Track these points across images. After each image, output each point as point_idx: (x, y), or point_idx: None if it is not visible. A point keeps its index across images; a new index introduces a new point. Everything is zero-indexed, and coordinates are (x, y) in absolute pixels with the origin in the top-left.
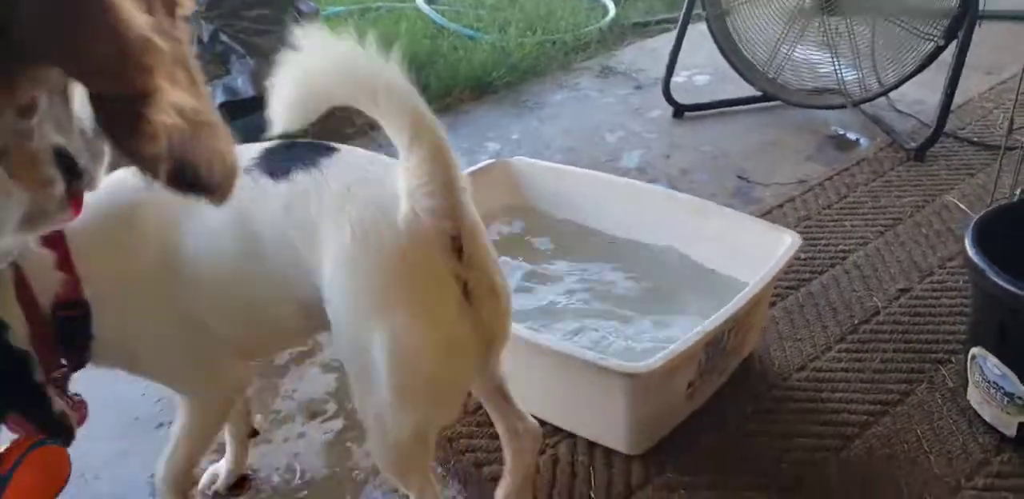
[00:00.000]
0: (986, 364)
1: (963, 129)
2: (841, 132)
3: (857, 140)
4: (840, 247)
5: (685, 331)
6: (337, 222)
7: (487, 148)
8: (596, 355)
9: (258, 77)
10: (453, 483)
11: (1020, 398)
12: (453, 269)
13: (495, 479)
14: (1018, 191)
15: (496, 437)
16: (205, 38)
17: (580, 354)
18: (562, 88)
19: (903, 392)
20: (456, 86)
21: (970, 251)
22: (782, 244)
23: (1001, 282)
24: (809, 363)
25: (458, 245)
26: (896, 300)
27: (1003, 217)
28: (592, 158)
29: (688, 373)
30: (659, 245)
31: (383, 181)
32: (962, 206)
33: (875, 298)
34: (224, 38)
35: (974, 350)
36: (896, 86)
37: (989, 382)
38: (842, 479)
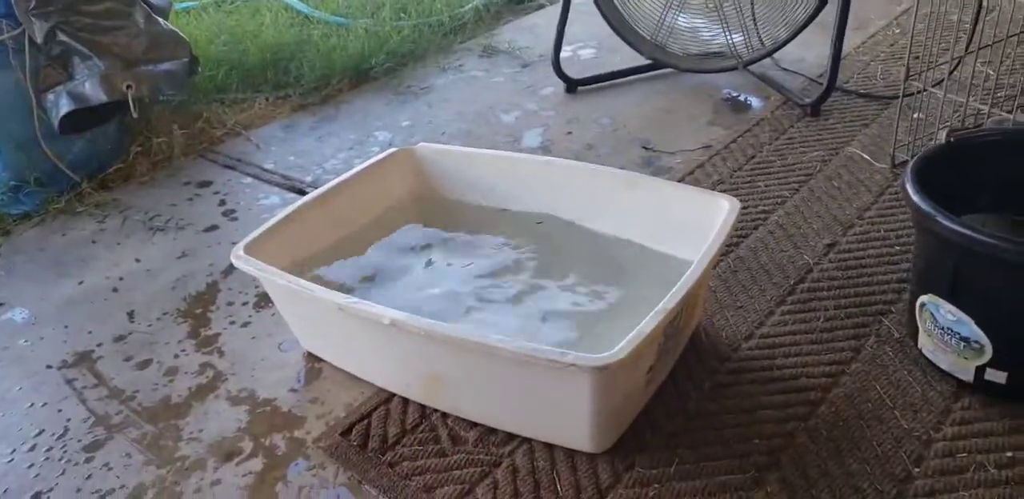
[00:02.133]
0: (938, 311)
1: (847, 82)
2: (734, 94)
3: (748, 101)
4: (760, 208)
5: (632, 311)
6: None
7: (377, 138)
8: (556, 350)
9: (109, 80)
10: None
11: (977, 342)
12: None
13: None
14: (943, 133)
15: (445, 454)
16: (39, 39)
17: (535, 350)
18: (445, 71)
19: (854, 349)
20: (333, 75)
21: (914, 197)
22: (720, 210)
23: (953, 225)
24: (756, 330)
25: None
26: (825, 256)
27: (933, 161)
28: (491, 140)
29: (649, 357)
30: (594, 222)
31: None
32: (865, 156)
33: (805, 256)
34: (63, 37)
35: (923, 298)
36: (785, 43)
37: (943, 329)
38: (816, 448)
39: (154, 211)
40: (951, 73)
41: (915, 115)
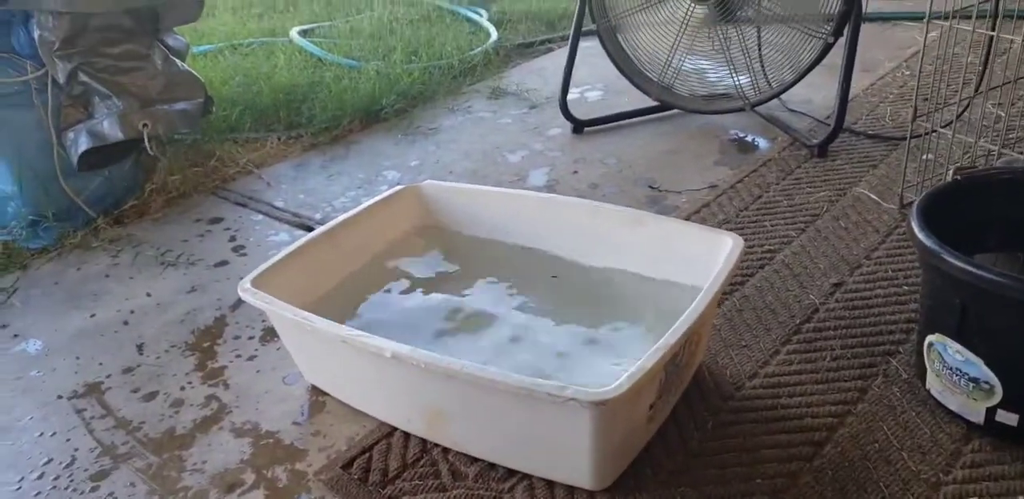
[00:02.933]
0: (946, 351)
1: (855, 124)
2: (741, 135)
3: (755, 142)
4: (766, 247)
5: (633, 349)
6: None
7: (386, 177)
8: (555, 384)
9: (126, 119)
10: None
11: (987, 383)
12: None
13: None
14: (950, 171)
15: (445, 489)
16: (61, 79)
17: (536, 385)
18: (454, 112)
19: (860, 389)
20: (344, 116)
21: (920, 235)
22: (724, 247)
23: (960, 263)
24: (760, 369)
25: None
26: (832, 295)
27: (940, 199)
28: (498, 179)
29: (650, 394)
30: (598, 260)
31: None
32: (873, 196)
33: (811, 295)
34: (84, 78)
35: (931, 338)
36: (791, 85)
37: (952, 370)
38: (820, 489)
39: (166, 246)
40: (961, 114)
41: (924, 156)
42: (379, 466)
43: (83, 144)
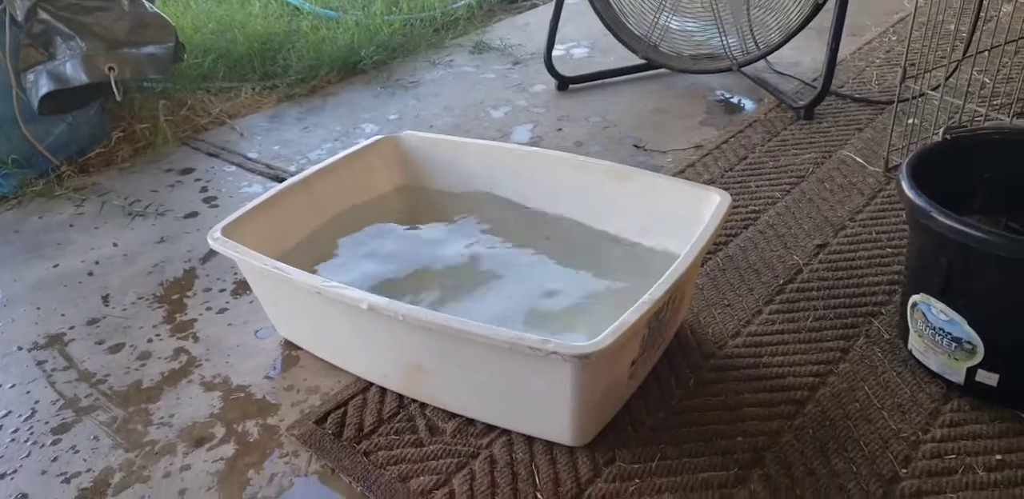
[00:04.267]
0: (930, 311)
1: (842, 87)
2: (727, 96)
3: (741, 103)
4: (750, 208)
5: (617, 303)
6: None
7: (363, 130)
8: (537, 337)
9: (91, 61)
10: None
11: (969, 343)
12: None
13: (426, 493)
14: (940, 131)
15: (422, 444)
16: (20, 16)
17: (517, 337)
18: (436, 66)
19: (842, 349)
20: (321, 66)
21: (909, 193)
22: (711, 203)
23: (948, 220)
24: (743, 328)
25: None
26: (816, 256)
27: (929, 158)
28: (480, 134)
29: (633, 349)
30: (582, 214)
31: None
32: (859, 159)
33: (795, 256)
34: (44, 16)
35: (915, 298)
36: (779, 47)
37: (934, 329)
38: (801, 447)
39: (134, 196)
40: (948, 78)
41: (910, 121)
42: (354, 421)
43: (44, 87)
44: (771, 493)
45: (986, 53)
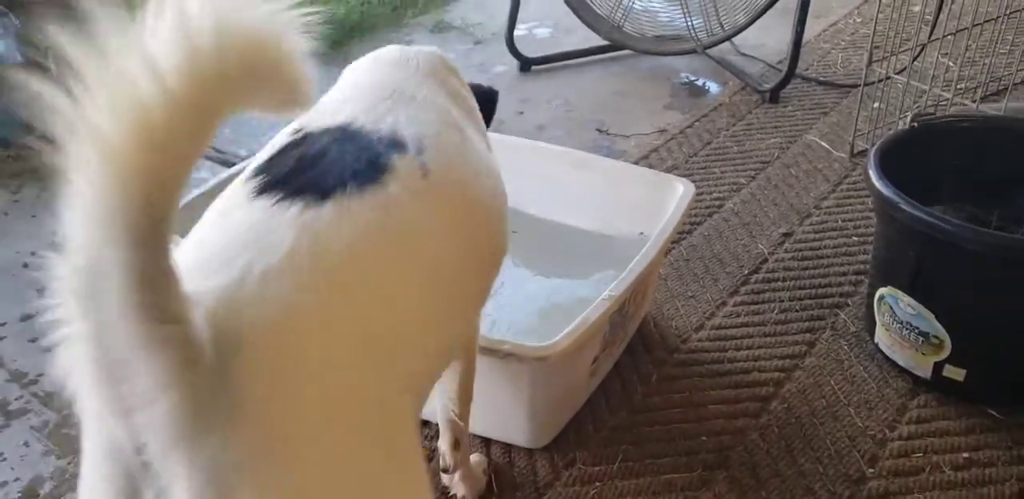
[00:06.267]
0: (898, 305)
1: (807, 70)
2: (692, 79)
3: (706, 86)
4: (715, 195)
5: (578, 297)
6: None
7: None
8: (492, 339)
9: (25, 39)
10: None
11: (936, 337)
12: None
13: None
14: (907, 116)
15: None
16: None
17: None
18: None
19: (808, 342)
20: None
21: (877, 184)
22: (674, 193)
23: (918, 212)
24: (707, 321)
25: None
26: (781, 245)
27: (896, 146)
28: None
29: (594, 348)
30: (541, 205)
31: None
32: (824, 144)
33: (760, 245)
34: None
35: (882, 291)
36: (744, 28)
37: (902, 323)
38: (767, 446)
39: None
40: (913, 60)
41: (875, 105)
42: None
43: None
44: (736, 495)
45: (951, 37)
